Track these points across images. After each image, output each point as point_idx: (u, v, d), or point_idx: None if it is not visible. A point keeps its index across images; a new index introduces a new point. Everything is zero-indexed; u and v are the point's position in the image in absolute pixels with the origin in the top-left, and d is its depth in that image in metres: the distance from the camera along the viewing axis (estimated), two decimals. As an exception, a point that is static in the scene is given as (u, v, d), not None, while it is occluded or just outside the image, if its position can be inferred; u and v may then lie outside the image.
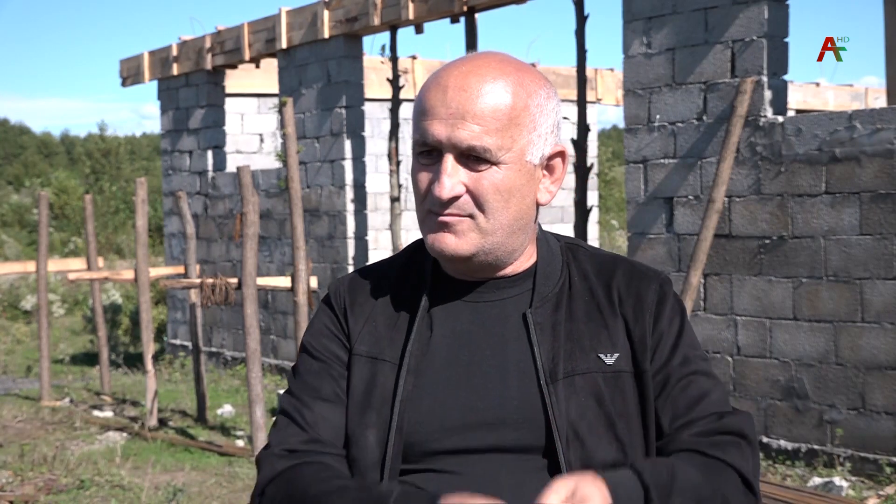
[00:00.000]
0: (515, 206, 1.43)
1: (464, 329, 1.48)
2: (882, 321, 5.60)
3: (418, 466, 1.42)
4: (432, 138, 1.39)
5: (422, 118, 1.41)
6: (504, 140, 1.39)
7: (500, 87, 1.39)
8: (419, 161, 1.44)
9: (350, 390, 1.49)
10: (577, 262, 1.54)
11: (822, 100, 15.40)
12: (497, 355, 1.45)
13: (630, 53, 6.70)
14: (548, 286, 1.49)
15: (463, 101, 1.38)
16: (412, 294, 1.52)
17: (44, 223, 9.29)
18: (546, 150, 1.45)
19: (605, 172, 23.53)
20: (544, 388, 1.41)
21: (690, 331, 1.52)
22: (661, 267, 6.53)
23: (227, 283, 6.85)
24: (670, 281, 1.56)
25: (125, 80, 12.05)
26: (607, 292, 1.50)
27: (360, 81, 9.33)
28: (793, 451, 5.97)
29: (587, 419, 1.40)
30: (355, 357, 1.50)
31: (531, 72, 1.45)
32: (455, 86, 1.39)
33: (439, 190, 1.39)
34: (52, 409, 8.41)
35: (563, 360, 1.42)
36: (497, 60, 1.43)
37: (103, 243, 21.45)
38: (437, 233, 1.43)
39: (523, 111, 1.40)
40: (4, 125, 47.68)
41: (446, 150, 1.39)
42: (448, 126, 1.38)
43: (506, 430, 1.40)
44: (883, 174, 5.55)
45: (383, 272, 1.58)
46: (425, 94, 1.42)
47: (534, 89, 1.43)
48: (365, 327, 1.51)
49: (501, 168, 1.40)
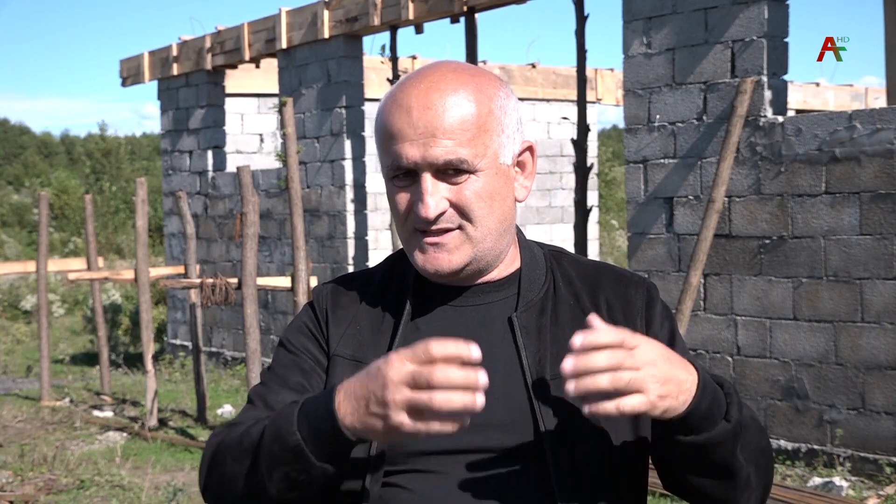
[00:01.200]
0: (499, 209, 1.44)
1: (449, 333, 1.46)
2: (882, 321, 5.60)
3: (404, 467, 1.42)
4: (406, 161, 1.40)
5: (390, 142, 1.41)
6: (477, 148, 1.40)
7: (462, 98, 1.40)
8: (395, 184, 1.44)
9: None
10: (562, 267, 1.55)
11: (822, 100, 15.40)
12: (483, 358, 1.44)
13: (630, 53, 6.70)
14: (532, 291, 1.50)
15: (430, 119, 1.38)
16: (396, 300, 1.52)
17: (44, 223, 9.30)
18: (515, 149, 1.47)
19: (605, 172, 23.52)
20: (531, 390, 1.41)
21: (680, 335, 1.54)
22: (660, 267, 6.53)
23: (227, 283, 6.85)
24: (656, 286, 1.57)
25: (125, 80, 12.05)
26: (593, 298, 1.50)
27: (360, 81, 9.33)
28: (793, 451, 5.97)
29: (574, 421, 1.39)
30: (337, 359, 1.50)
31: (486, 75, 1.46)
32: (418, 105, 1.39)
33: (425, 211, 1.39)
34: (52, 409, 8.41)
35: (550, 362, 1.43)
36: (451, 71, 1.43)
37: (103, 243, 21.45)
38: (427, 253, 1.44)
39: (489, 116, 1.42)
40: (4, 125, 47.66)
41: (423, 170, 1.40)
42: (420, 146, 1.38)
43: (492, 432, 1.40)
44: (883, 174, 5.55)
45: (367, 279, 1.59)
46: (389, 117, 1.42)
47: (493, 92, 1.44)
48: (347, 330, 1.52)
49: (480, 175, 1.41)
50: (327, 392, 1.32)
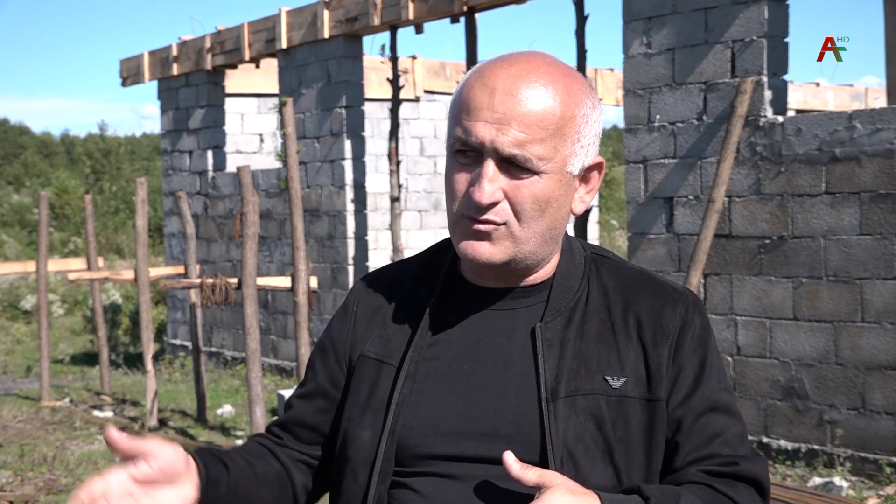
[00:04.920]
0: (551, 216, 1.40)
1: (471, 337, 1.46)
2: (882, 321, 5.60)
3: (412, 469, 1.42)
4: (475, 139, 1.35)
5: (465, 116, 1.37)
6: (547, 150, 1.35)
7: (549, 94, 1.35)
8: (457, 159, 1.40)
9: (355, 391, 1.50)
10: (600, 275, 1.50)
11: (822, 100, 15.39)
12: (500, 367, 1.43)
13: (630, 53, 6.70)
14: (563, 300, 1.46)
15: (511, 107, 1.34)
16: (425, 297, 1.51)
17: (44, 223, 9.30)
18: (587, 161, 1.42)
19: (606, 172, 23.52)
20: (544, 405, 1.38)
21: (716, 359, 1.46)
22: (660, 267, 6.53)
23: (227, 283, 6.85)
24: (698, 301, 1.49)
25: (125, 80, 12.05)
26: (624, 313, 1.45)
27: (360, 81, 9.33)
28: (793, 451, 5.97)
29: (584, 441, 1.37)
30: (363, 359, 1.51)
31: (578, 78, 1.41)
32: (503, 89, 1.34)
33: (479, 195, 1.35)
34: (52, 409, 8.41)
35: (567, 378, 1.39)
36: (545, 64, 1.38)
37: (103, 243, 21.45)
38: (470, 239, 1.40)
39: (570, 121, 1.37)
40: (4, 125, 47.66)
41: (488, 155, 1.36)
42: (493, 130, 1.34)
43: (498, 442, 1.38)
44: (883, 174, 5.56)
45: (404, 271, 1.58)
46: (470, 91, 1.37)
47: (581, 98, 1.39)
48: (377, 330, 1.52)
49: (542, 178, 1.37)
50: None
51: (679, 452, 1.40)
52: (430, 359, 1.46)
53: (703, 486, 1.36)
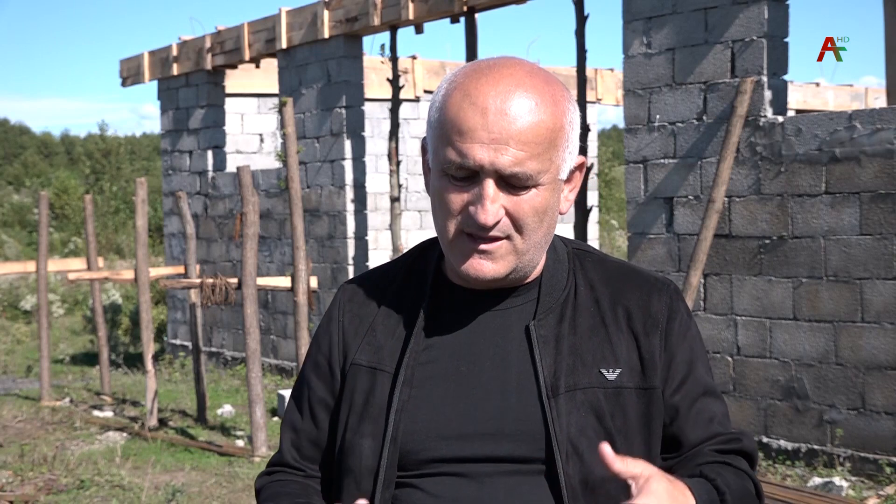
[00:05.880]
0: (547, 223, 1.42)
1: (465, 339, 1.47)
2: (882, 321, 5.60)
3: (416, 473, 1.42)
4: (473, 162, 1.35)
5: (457, 138, 1.35)
6: (543, 163, 1.37)
7: (539, 109, 1.35)
8: (450, 181, 1.39)
9: (349, 400, 1.49)
10: (584, 269, 1.52)
11: (822, 100, 15.39)
12: (497, 367, 1.44)
13: (630, 53, 6.70)
14: (552, 296, 1.47)
15: (505, 126, 1.33)
16: (413, 302, 1.51)
17: (44, 223, 9.30)
18: (572, 164, 1.44)
19: (605, 172, 23.53)
20: (546, 402, 1.39)
21: (700, 344, 1.52)
22: (660, 267, 6.53)
23: (227, 283, 6.85)
24: (679, 289, 1.54)
25: (125, 80, 12.05)
26: (613, 306, 1.48)
27: (360, 81, 9.33)
28: (793, 451, 5.97)
29: (587, 434, 1.39)
30: (356, 367, 1.50)
31: (557, 84, 1.42)
32: (495, 109, 1.34)
33: (484, 217, 1.35)
34: (52, 409, 8.42)
35: (565, 374, 1.41)
36: (528, 75, 1.38)
37: (103, 243, 21.45)
38: (472, 258, 1.40)
39: (560, 131, 1.38)
40: (4, 125, 47.68)
41: (487, 175, 1.35)
42: (490, 151, 1.34)
43: (503, 441, 1.39)
44: (883, 174, 5.55)
45: (387, 276, 1.58)
46: (458, 111, 1.36)
47: (565, 105, 1.40)
48: (365, 337, 1.52)
49: (540, 190, 1.38)
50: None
51: (683, 435, 1.46)
52: (425, 363, 1.46)
53: (722, 464, 1.44)
